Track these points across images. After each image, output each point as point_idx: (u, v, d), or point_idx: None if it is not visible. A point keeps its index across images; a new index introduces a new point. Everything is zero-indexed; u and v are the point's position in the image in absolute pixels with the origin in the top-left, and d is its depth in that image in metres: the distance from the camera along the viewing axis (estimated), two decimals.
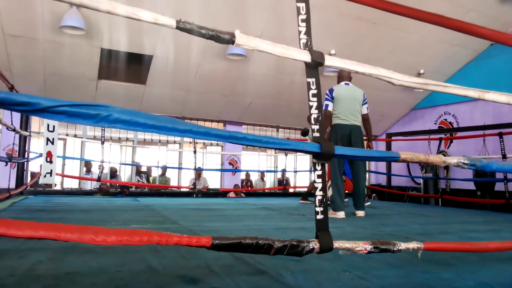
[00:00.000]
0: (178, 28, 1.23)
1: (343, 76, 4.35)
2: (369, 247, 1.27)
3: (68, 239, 1.07)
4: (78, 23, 5.88)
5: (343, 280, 1.45)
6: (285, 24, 5.66)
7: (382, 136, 10.36)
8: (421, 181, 9.26)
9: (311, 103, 1.32)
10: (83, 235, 1.09)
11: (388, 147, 9.27)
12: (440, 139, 7.24)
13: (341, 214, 3.93)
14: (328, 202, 3.94)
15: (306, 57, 1.31)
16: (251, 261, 1.71)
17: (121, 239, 1.13)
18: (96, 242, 1.09)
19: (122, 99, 7.70)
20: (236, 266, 1.66)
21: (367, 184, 10.92)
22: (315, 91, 1.33)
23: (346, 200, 4.67)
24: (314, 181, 1.33)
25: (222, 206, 4.91)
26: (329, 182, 4.11)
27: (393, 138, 9.33)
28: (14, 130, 4.49)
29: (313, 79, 1.32)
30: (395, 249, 1.29)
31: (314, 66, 1.32)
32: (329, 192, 4.05)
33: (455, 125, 9.14)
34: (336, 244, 1.26)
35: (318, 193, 1.29)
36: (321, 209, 1.29)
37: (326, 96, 4.18)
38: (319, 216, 1.28)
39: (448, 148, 9.32)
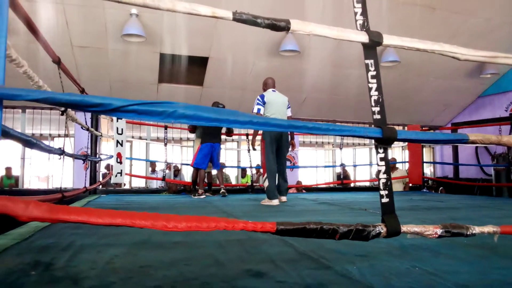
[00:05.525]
0: (234, 19, 1.27)
1: (269, 83, 4.80)
2: (439, 231, 1.21)
3: (142, 225, 1.13)
4: (138, 30, 6.20)
5: (413, 276, 1.37)
6: (341, 13, 5.55)
7: (447, 126, 9.84)
8: (492, 172, 8.66)
9: (370, 85, 1.29)
10: (156, 222, 1.15)
11: None
12: None
13: (275, 202, 4.38)
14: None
15: (364, 37, 1.28)
16: (315, 256, 1.69)
17: (191, 225, 1.18)
18: (168, 228, 1.15)
19: (181, 100, 7.88)
20: (300, 260, 1.64)
21: (432, 176, 10.45)
22: (374, 73, 1.29)
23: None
24: (377, 164, 1.30)
25: (281, 202, 4.93)
26: (265, 175, 4.53)
27: (459, 128, 8.83)
28: (88, 129, 4.85)
29: (372, 61, 1.29)
30: (468, 233, 1.21)
31: (372, 47, 1.28)
32: (266, 183, 4.50)
33: None
34: (404, 228, 1.22)
35: (382, 176, 1.26)
36: (386, 192, 1.25)
37: (257, 101, 4.62)
38: (384, 200, 1.25)
39: None
